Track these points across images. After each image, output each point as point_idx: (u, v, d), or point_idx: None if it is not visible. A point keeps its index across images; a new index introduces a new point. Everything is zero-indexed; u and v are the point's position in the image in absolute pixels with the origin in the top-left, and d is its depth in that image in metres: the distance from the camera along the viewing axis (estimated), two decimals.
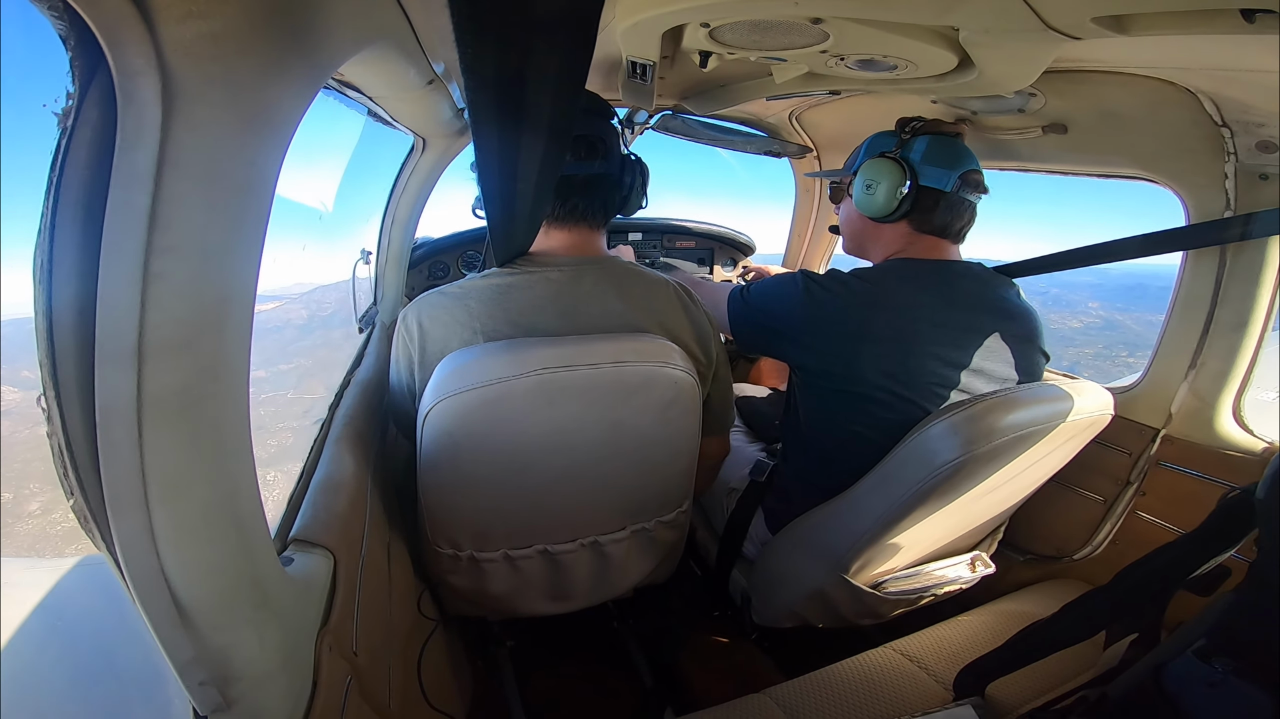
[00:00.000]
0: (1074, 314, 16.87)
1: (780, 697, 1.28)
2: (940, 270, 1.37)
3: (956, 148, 1.38)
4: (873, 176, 1.39)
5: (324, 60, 0.69)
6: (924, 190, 1.35)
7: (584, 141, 1.19)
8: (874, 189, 1.38)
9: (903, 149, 1.38)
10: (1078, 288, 15.75)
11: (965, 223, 1.41)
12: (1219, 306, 1.42)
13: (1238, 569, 0.97)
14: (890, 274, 1.37)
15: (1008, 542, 1.72)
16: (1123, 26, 0.86)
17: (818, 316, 1.34)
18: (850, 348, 1.30)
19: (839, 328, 1.32)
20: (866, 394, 1.30)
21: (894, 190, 1.36)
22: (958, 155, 1.37)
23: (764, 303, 1.46)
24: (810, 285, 1.37)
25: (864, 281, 1.35)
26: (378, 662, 1.03)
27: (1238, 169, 1.32)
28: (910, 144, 1.38)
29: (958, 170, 1.35)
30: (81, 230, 0.49)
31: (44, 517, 2.08)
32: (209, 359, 0.57)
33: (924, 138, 1.37)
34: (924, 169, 1.35)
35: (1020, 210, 74.85)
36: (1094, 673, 1.18)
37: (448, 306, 1.17)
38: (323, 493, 1.04)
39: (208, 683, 0.63)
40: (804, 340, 1.37)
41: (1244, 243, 1.36)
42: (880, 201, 1.38)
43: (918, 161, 1.36)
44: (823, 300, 1.34)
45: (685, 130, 2.25)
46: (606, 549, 1.39)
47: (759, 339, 1.49)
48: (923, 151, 1.36)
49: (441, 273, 2.60)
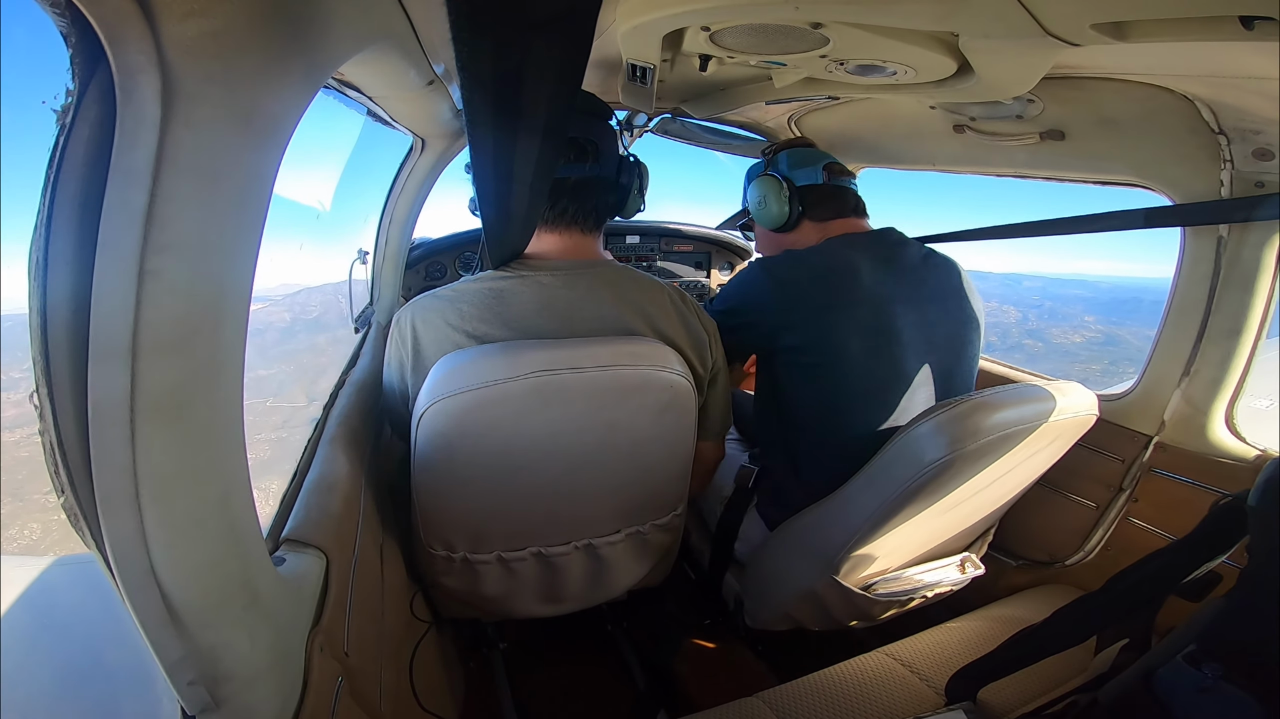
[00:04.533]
0: (1074, 329, 16.94)
1: (773, 700, 1.28)
2: (874, 237, 1.51)
3: (810, 151, 1.61)
4: (759, 195, 1.60)
5: (324, 60, 0.69)
6: (804, 189, 1.55)
7: (575, 143, 1.19)
8: (766, 203, 1.58)
9: (770, 166, 1.62)
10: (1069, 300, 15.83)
11: (855, 200, 1.59)
12: (1213, 314, 1.42)
13: (1229, 575, 0.97)
14: (833, 245, 1.47)
15: (1000, 546, 1.73)
16: (1122, 33, 0.87)
17: (787, 295, 1.41)
18: (827, 318, 1.37)
19: (810, 301, 1.38)
20: (851, 361, 1.36)
21: (780, 196, 1.56)
22: (813, 155, 1.59)
23: (733, 304, 1.52)
24: (772, 268, 1.46)
25: (817, 254, 1.45)
26: (369, 663, 1.03)
27: (1234, 176, 1.32)
28: (774, 160, 1.62)
29: (819, 165, 1.56)
30: (78, 227, 0.48)
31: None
32: (203, 358, 0.57)
33: (783, 152, 1.61)
34: (794, 173, 1.57)
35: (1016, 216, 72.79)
36: (1085, 678, 1.18)
37: (441, 310, 1.17)
38: (316, 493, 1.03)
39: (196, 682, 0.63)
40: (782, 320, 1.41)
41: (1239, 250, 1.36)
42: (775, 210, 1.57)
43: (786, 170, 1.57)
44: (786, 279, 1.42)
45: (684, 134, 2.25)
46: (601, 552, 1.39)
47: (742, 340, 1.51)
48: (786, 161, 1.59)
49: (439, 273, 2.59)
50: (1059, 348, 14.09)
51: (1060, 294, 16.82)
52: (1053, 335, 12.69)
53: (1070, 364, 11.38)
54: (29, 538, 1.76)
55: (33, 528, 1.64)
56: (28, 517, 1.62)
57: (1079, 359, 14.26)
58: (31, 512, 1.74)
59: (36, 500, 1.96)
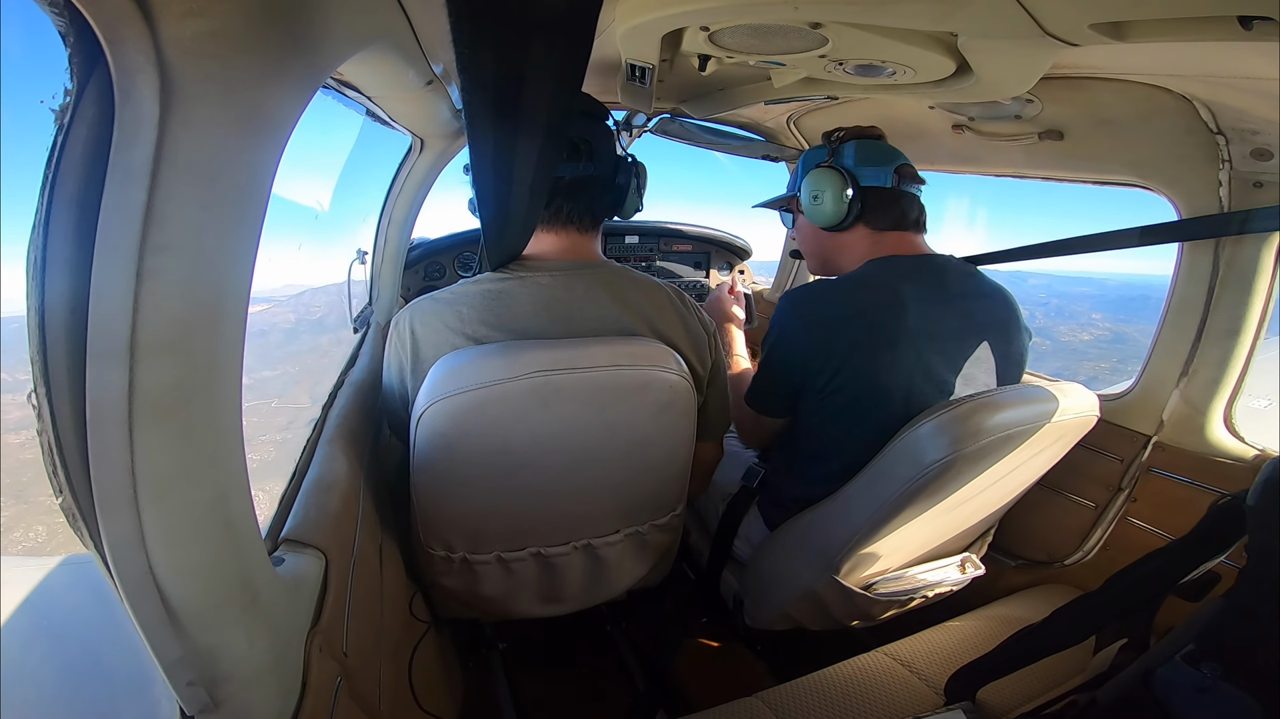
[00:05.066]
0: (1081, 327, 16.88)
1: (772, 700, 1.28)
2: (923, 263, 1.39)
3: (883, 147, 1.43)
4: (816, 187, 1.42)
5: (323, 60, 0.69)
6: (868, 190, 1.39)
7: (570, 143, 1.19)
8: (821, 199, 1.41)
9: (835, 157, 1.43)
10: (1076, 298, 15.78)
11: (919, 212, 1.44)
12: (1211, 314, 1.43)
13: (1227, 575, 0.97)
14: (878, 272, 1.36)
15: (999, 546, 1.73)
16: (1120, 33, 0.87)
17: (818, 339, 1.31)
18: (863, 359, 1.27)
19: (846, 340, 1.28)
20: (879, 397, 1.28)
21: (840, 195, 1.39)
22: (887, 153, 1.42)
23: (768, 346, 1.42)
24: (802, 307, 1.35)
25: (860, 285, 1.35)
26: (368, 663, 1.03)
27: (1232, 176, 1.33)
28: (840, 151, 1.43)
29: (891, 166, 1.40)
30: (76, 227, 0.48)
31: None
32: (202, 358, 0.57)
33: (851, 143, 1.42)
34: (861, 171, 1.39)
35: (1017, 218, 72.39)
36: (1084, 678, 1.19)
37: (440, 313, 1.17)
38: (315, 493, 1.03)
39: (195, 683, 0.63)
40: (813, 366, 1.32)
41: (1237, 250, 1.37)
42: (830, 209, 1.40)
43: (852, 165, 1.40)
44: (819, 319, 1.32)
45: (683, 134, 2.25)
46: (600, 552, 1.39)
47: (781, 386, 1.42)
48: (854, 155, 1.41)
49: (438, 274, 2.59)
50: (1067, 346, 14.05)
51: (1066, 291, 16.87)
52: (1060, 333, 12.71)
53: (1079, 362, 11.40)
54: (34, 540, 1.76)
55: (38, 530, 1.63)
56: (33, 519, 1.62)
57: (1088, 357, 14.25)
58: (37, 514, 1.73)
59: (42, 503, 1.94)
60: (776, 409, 1.46)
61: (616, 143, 1.30)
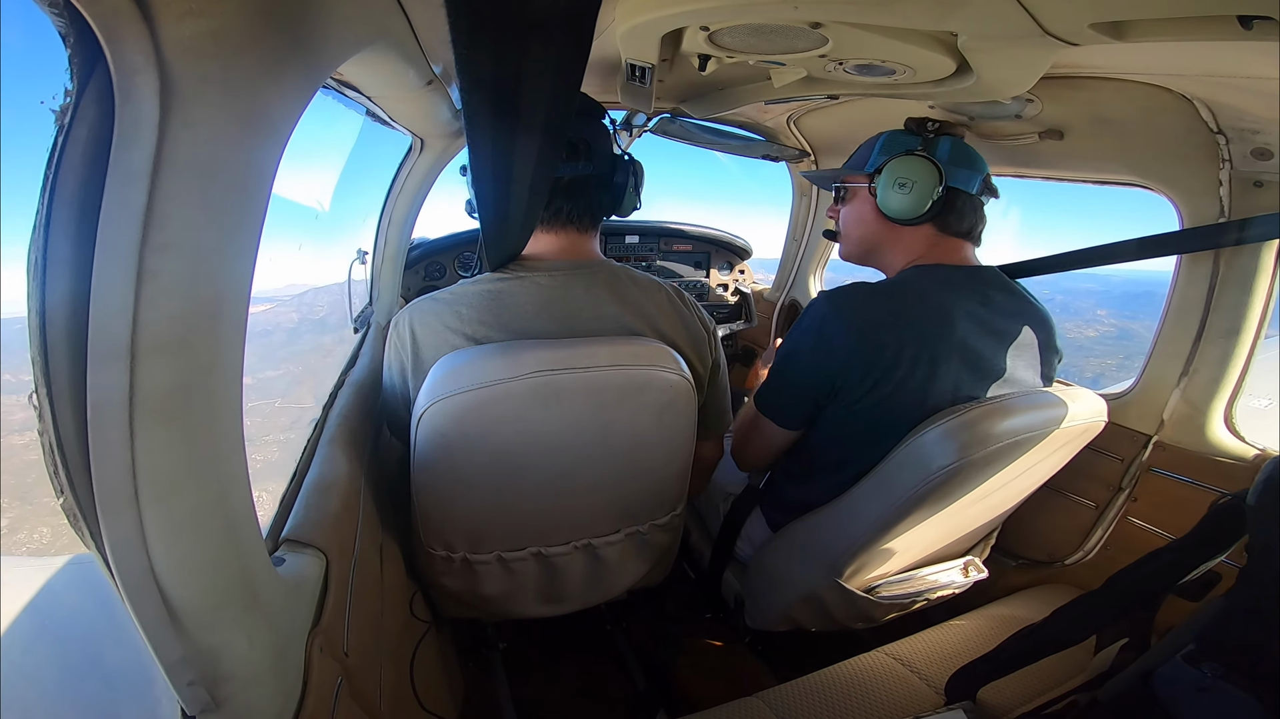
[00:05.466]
0: (1086, 323, 16.79)
1: (772, 700, 1.28)
2: (972, 277, 1.34)
3: (974, 151, 1.36)
4: (907, 175, 1.31)
5: (323, 60, 0.69)
6: (953, 192, 1.32)
7: (568, 142, 1.19)
8: (908, 188, 1.31)
9: (928, 147, 1.34)
10: (1080, 294, 15.71)
11: (983, 225, 1.39)
12: (1212, 313, 1.42)
13: (1228, 574, 0.97)
14: (926, 281, 1.30)
15: (1000, 546, 1.72)
16: (1120, 33, 0.87)
17: (864, 345, 1.23)
18: (904, 371, 1.22)
19: (891, 349, 1.22)
20: (908, 411, 1.23)
21: (930, 190, 1.30)
22: (978, 159, 1.35)
23: (793, 345, 1.34)
24: (844, 308, 1.26)
25: (909, 293, 1.28)
26: (369, 663, 1.03)
27: (1232, 176, 1.32)
28: (935, 144, 1.34)
29: (982, 173, 1.34)
30: (76, 227, 0.48)
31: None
32: (202, 358, 0.57)
33: (947, 139, 1.35)
34: (952, 170, 1.31)
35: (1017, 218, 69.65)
36: (1084, 677, 1.19)
37: (439, 313, 1.17)
38: (315, 493, 1.03)
39: (196, 683, 0.63)
40: (853, 375, 1.24)
41: (1237, 250, 1.37)
42: (912, 202, 1.31)
43: (945, 162, 1.31)
44: (866, 324, 1.23)
45: (683, 134, 2.25)
46: (600, 552, 1.39)
47: (801, 391, 1.34)
48: (949, 152, 1.33)
49: (438, 274, 2.59)
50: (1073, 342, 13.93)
51: (1071, 288, 16.72)
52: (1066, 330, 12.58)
53: (1086, 359, 11.33)
54: (38, 542, 1.75)
55: (42, 531, 1.63)
56: (37, 520, 1.61)
57: (1094, 354, 14.17)
58: (41, 515, 1.72)
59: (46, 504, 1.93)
60: (796, 419, 1.38)
61: (614, 142, 1.30)
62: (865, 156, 1.43)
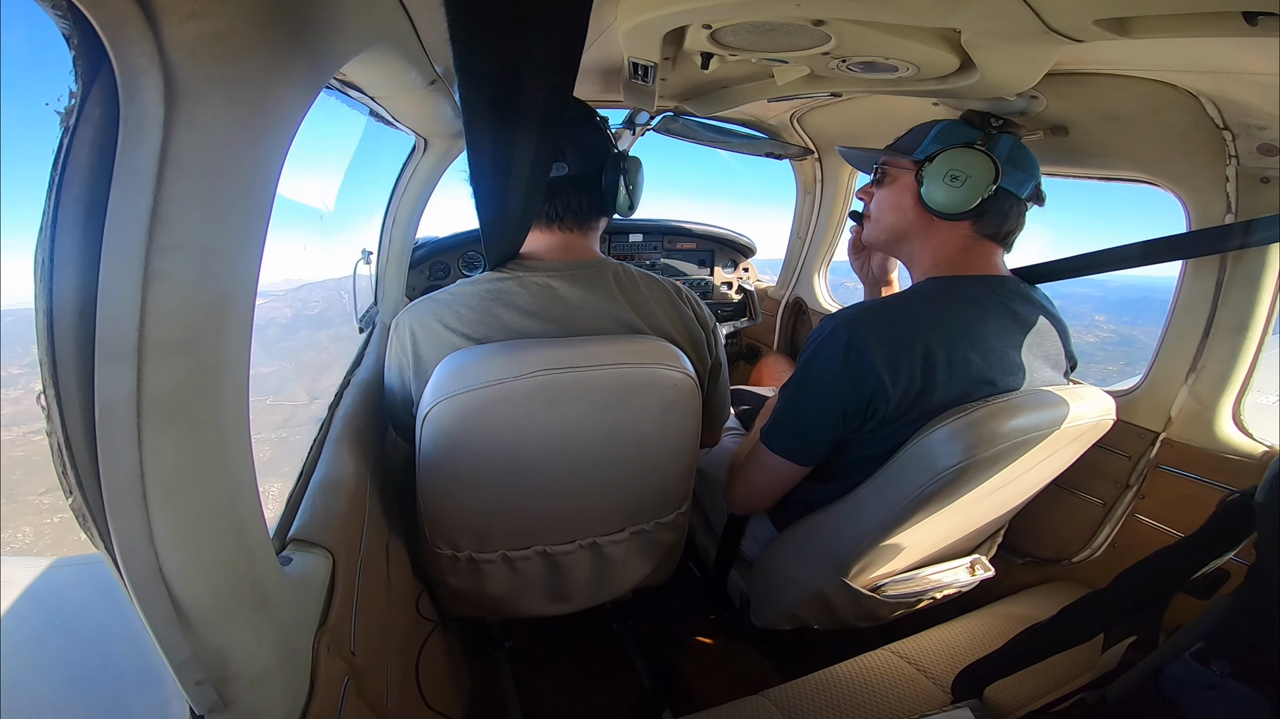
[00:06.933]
0: (1086, 328, 16.77)
1: (778, 698, 1.28)
2: (999, 289, 1.29)
3: (1031, 154, 1.30)
4: (962, 167, 1.23)
5: (326, 60, 0.69)
6: (1002, 193, 1.25)
7: (561, 144, 1.19)
8: (961, 181, 1.23)
9: (989, 143, 1.26)
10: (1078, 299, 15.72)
11: (1020, 231, 1.34)
12: (1219, 310, 1.41)
13: (1236, 572, 0.97)
14: (951, 294, 1.26)
15: (1007, 544, 1.72)
16: (1124, 29, 0.86)
17: (893, 361, 1.17)
18: (943, 388, 1.18)
19: (917, 367, 1.17)
20: (922, 421, 1.20)
21: (983, 187, 1.22)
22: (1034, 162, 1.29)
23: (806, 366, 1.26)
24: (873, 326, 1.19)
25: (936, 306, 1.24)
26: (376, 662, 1.03)
27: (1239, 172, 1.31)
28: (996, 140, 1.27)
29: (1035, 178, 1.29)
30: (83, 228, 0.49)
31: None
32: (209, 358, 0.57)
33: (1009, 137, 1.28)
34: (1008, 170, 1.24)
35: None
36: (1092, 675, 1.18)
37: (439, 314, 1.18)
38: (322, 493, 1.04)
39: (205, 682, 0.63)
40: (876, 404, 1.20)
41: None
42: (962, 196, 1.24)
43: (1003, 161, 1.24)
44: (894, 347, 1.17)
45: (686, 132, 2.25)
46: (605, 550, 1.39)
47: (832, 434, 1.27)
48: (1008, 152, 1.26)
49: (442, 273, 2.60)
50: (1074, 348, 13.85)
51: (1068, 293, 16.60)
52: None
53: (1087, 364, 11.28)
54: (21, 541, 1.75)
55: (25, 530, 1.62)
56: (21, 519, 1.61)
57: (1095, 359, 14.06)
58: (25, 514, 1.71)
59: (31, 502, 1.91)
60: (812, 453, 1.32)
61: (609, 141, 1.29)
62: (916, 142, 1.34)
